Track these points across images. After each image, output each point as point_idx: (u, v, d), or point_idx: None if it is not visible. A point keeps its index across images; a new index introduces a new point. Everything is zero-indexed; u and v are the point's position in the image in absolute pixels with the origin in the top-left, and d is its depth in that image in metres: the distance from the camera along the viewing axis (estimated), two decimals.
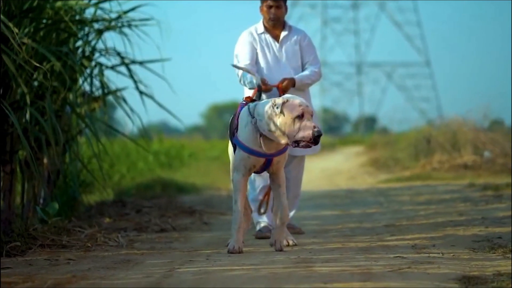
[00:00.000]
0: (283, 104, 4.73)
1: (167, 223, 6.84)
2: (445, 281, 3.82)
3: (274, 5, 5.78)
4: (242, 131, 4.91)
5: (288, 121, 4.71)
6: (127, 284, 3.87)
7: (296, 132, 4.70)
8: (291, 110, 4.71)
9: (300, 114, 4.70)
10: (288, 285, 3.72)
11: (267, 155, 4.88)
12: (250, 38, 5.82)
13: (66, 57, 7.26)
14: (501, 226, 5.94)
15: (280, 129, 4.74)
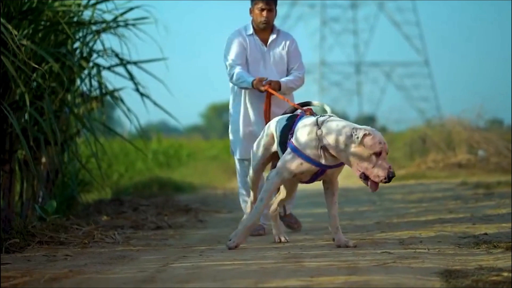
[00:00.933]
0: (364, 136, 4.70)
1: (163, 221, 6.99)
2: (427, 274, 3.96)
3: (266, 8, 5.79)
4: (302, 138, 4.87)
5: (364, 155, 4.69)
6: (121, 278, 4.02)
7: (370, 168, 4.69)
8: (371, 145, 4.69)
9: (379, 152, 4.70)
10: (276, 279, 3.86)
11: (322, 166, 4.87)
12: (240, 38, 5.83)
13: (64, 58, 7.41)
14: (487, 223, 6.09)
15: (352, 158, 4.72)
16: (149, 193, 9.55)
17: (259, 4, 5.78)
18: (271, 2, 5.80)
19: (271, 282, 3.80)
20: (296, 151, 4.87)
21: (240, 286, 3.72)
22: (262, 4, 5.77)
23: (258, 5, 5.78)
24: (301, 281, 3.81)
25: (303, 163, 4.87)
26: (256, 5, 5.79)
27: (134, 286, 3.78)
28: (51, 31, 7.64)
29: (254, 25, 5.85)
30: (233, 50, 5.79)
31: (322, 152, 4.82)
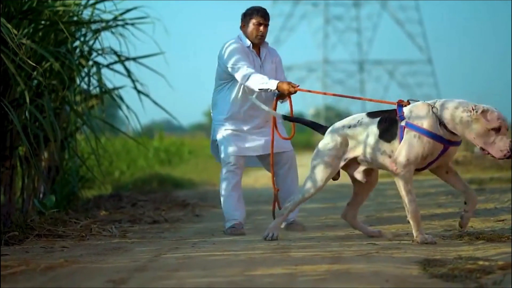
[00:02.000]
0: (483, 112, 4.81)
1: (160, 215, 7.17)
2: (406, 263, 4.14)
3: (264, 23, 5.87)
4: (423, 118, 4.92)
5: (483, 130, 4.81)
6: (114, 267, 4.19)
7: (489, 143, 4.81)
8: (490, 121, 4.80)
9: (498, 127, 4.81)
10: (262, 268, 4.04)
11: (446, 142, 4.92)
12: (243, 48, 5.86)
13: (63, 57, 7.59)
14: (474, 217, 6.25)
15: (471, 133, 4.83)
16: (149, 189, 9.74)
17: (256, 18, 5.85)
18: (267, 18, 5.91)
19: (257, 270, 3.98)
20: (421, 130, 4.92)
21: (227, 274, 3.89)
22: (261, 19, 5.86)
23: (255, 20, 5.85)
24: (286, 269, 3.98)
25: (430, 141, 4.92)
26: (253, 19, 5.85)
27: (126, 274, 3.95)
28: (51, 30, 7.82)
29: (249, 38, 5.88)
30: (242, 56, 5.80)
31: (442, 129, 4.90)
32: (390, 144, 5.02)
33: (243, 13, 5.97)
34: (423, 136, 4.92)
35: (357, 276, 3.77)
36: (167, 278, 3.82)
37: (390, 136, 5.02)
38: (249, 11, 5.93)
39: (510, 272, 3.76)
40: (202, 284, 3.67)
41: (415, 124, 4.94)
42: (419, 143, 4.93)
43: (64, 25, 7.71)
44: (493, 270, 3.85)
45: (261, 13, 5.89)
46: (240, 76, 5.77)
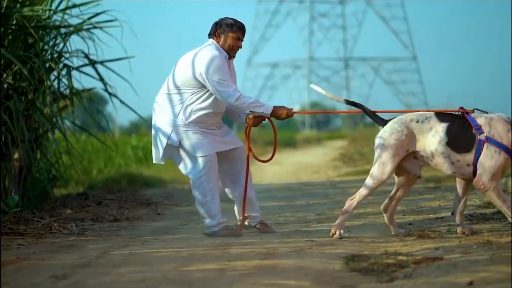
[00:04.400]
0: None
1: (122, 214, 7.45)
2: (333, 259, 4.45)
3: (241, 38, 5.93)
4: (502, 135, 5.12)
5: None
6: (61, 264, 4.48)
7: None
8: None
9: None
10: (197, 264, 4.34)
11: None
12: (226, 63, 5.86)
13: (30, 61, 7.85)
14: (416, 214, 6.59)
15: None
16: (118, 188, 10.00)
17: (237, 33, 5.87)
18: (245, 33, 5.97)
19: (191, 266, 4.28)
20: (502, 147, 5.11)
21: (162, 269, 4.19)
22: (240, 34, 5.90)
23: (235, 34, 5.86)
24: (218, 265, 4.28)
25: (508, 158, 5.14)
26: (232, 33, 5.85)
27: (70, 270, 4.24)
28: (19, 34, 8.09)
29: (225, 49, 5.87)
30: (228, 74, 5.81)
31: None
32: (463, 155, 5.21)
33: (218, 23, 5.91)
34: (503, 152, 5.15)
35: (281, 270, 4.08)
36: (107, 274, 4.11)
37: (464, 148, 5.20)
38: (227, 23, 5.89)
39: (422, 266, 4.07)
40: (137, 278, 3.96)
41: (495, 140, 5.15)
42: (500, 158, 5.15)
43: (33, 29, 8.00)
44: (408, 265, 4.17)
45: (241, 28, 5.90)
46: (227, 95, 5.72)
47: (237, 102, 5.70)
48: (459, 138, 5.21)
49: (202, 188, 5.75)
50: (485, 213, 6.27)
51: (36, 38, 8.02)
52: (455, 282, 3.60)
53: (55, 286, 3.86)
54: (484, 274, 3.68)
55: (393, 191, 5.64)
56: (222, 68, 5.74)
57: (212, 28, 5.92)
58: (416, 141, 5.30)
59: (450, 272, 3.83)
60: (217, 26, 5.89)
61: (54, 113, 8.50)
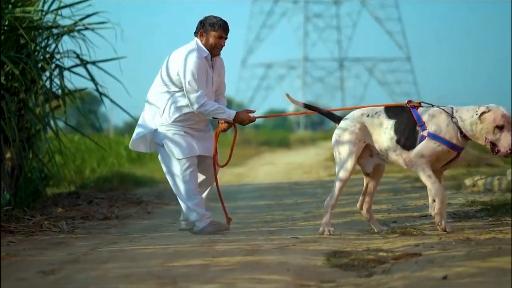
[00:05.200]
0: (483, 113, 5.20)
1: (112, 213, 7.56)
2: (315, 255, 4.56)
3: (224, 37, 6.00)
4: (443, 129, 5.29)
5: (489, 129, 5.19)
6: (49, 260, 4.58)
7: (496, 140, 5.19)
8: (493, 119, 5.17)
9: (501, 125, 5.16)
10: (182, 260, 4.44)
11: (460, 148, 5.34)
12: (204, 63, 5.89)
13: (22, 62, 7.95)
14: (401, 213, 6.71)
15: (480, 133, 5.22)
16: (109, 187, 10.10)
17: (219, 32, 5.93)
18: (228, 31, 6.04)
19: (177, 262, 4.38)
20: (443, 141, 5.28)
21: (148, 265, 4.29)
22: (222, 32, 5.96)
23: (217, 33, 5.93)
24: (203, 261, 4.39)
25: (449, 151, 5.31)
26: (215, 32, 5.92)
27: (58, 266, 4.34)
28: (11, 35, 8.19)
29: (207, 48, 5.93)
30: (201, 77, 5.88)
31: (461, 139, 5.30)
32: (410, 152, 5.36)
33: (202, 22, 5.97)
34: (444, 145, 5.31)
35: (263, 266, 4.18)
36: (94, 270, 4.21)
37: (410, 145, 5.37)
38: (210, 22, 5.95)
39: (401, 262, 4.19)
40: (122, 274, 4.06)
41: (437, 135, 5.31)
42: (439, 149, 5.31)
43: (25, 30, 8.10)
44: (387, 260, 4.28)
45: (223, 26, 5.95)
46: (194, 100, 5.82)
47: (200, 109, 5.84)
48: (407, 136, 5.39)
49: (183, 188, 5.88)
50: (468, 211, 6.39)
51: (27, 40, 8.10)
52: (430, 276, 3.70)
53: (42, 281, 3.95)
54: (459, 269, 3.79)
55: (364, 187, 5.81)
56: (196, 71, 5.84)
57: (197, 26, 6.01)
58: (370, 134, 5.49)
59: (427, 267, 3.94)
60: (200, 25, 5.99)
61: (46, 113, 8.60)
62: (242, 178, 13.06)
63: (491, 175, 8.29)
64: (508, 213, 6.03)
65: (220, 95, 6.14)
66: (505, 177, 7.85)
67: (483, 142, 5.27)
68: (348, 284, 3.81)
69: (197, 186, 5.96)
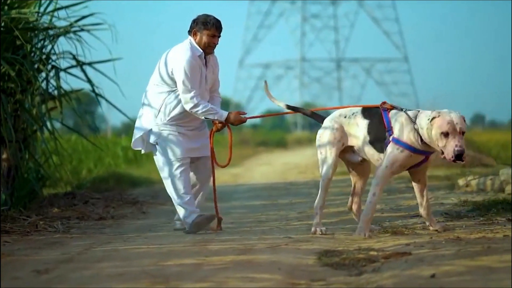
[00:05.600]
0: (433, 118, 5.19)
1: (107, 213, 7.60)
2: (307, 254, 4.61)
3: (217, 35, 6.05)
4: (405, 134, 5.31)
5: (435, 135, 5.18)
6: (44, 259, 4.63)
7: (442, 147, 5.18)
8: (439, 126, 5.16)
9: (445, 132, 5.14)
10: (176, 259, 4.49)
11: (426, 153, 5.34)
12: (198, 63, 5.93)
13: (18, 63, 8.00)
14: (394, 212, 6.76)
15: (432, 139, 5.23)
16: (105, 187, 10.14)
17: (212, 30, 5.99)
18: (221, 29, 6.08)
19: (170, 261, 4.43)
20: (406, 146, 5.31)
21: (142, 264, 4.34)
22: (215, 31, 6.01)
23: (210, 31, 5.98)
24: (195, 260, 4.44)
25: (412, 155, 5.33)
26: (207, 30, 5.98)
27: (52, 265, 4.39)
28: (8, 37, 8.23)
29: (200, 47, 5.98)
30: (195, 77, 5.90)
31: (420, 142, 5.30)
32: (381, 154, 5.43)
33: (195, 20, 6.03)
34: (407, 151, 5.33)
35: (255, 265, 4.23)
36: (87, 269, 4.26)
37: (380, 148, 5.43)
38: (203, 20, 6.00)
39: (391, 261, 4.24)
40: (116, 272, 4.11)
41: (400, 140, 5.34)
42: (402, 156, 5.34)
43: (21, 31, 8.15)
44: (378, 259, 4.33)
45: (216, 25, 6.00)
46: (188, 100, 5.89)
47: (193, 109, 5.92)
48: (377, 138, 5.45)
49: (175, 187, 5.98)
50: (460, 211, 6.44)
51: (23, 42, 8.14)
52: (419, 275, 3.75)
53: (36, 280, 4.00)
54: (447, 267, 3.84)
55: (352, 188, 5.90)
56: (189, 70, 5.90)
57: (190, 25, 6.07)
58: (348, 135, 5.57)
59: (416, 266, 3.99)
60: (194, 24, 6.04)
61: (43, 114, 8.64)
62: (238, 178, 13.11)
63: (484, 175, 8.35)
64: (499, 213, 6.09)
65: (214, 92, 6.21)
66: (497, 177, 7.90)
67: (437, 148, 5.24)
68: (338, 282, 3.86)
69: (188, 186, 6.03)
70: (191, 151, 6.09)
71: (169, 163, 6.04)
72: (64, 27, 8.65)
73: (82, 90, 9.41)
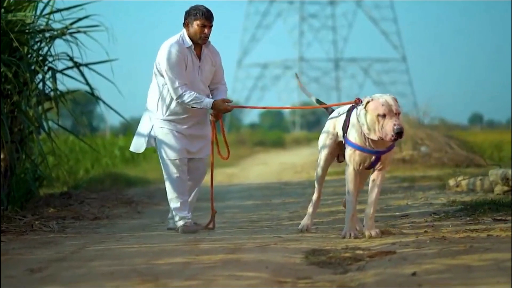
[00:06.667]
0: (368, 102, 5.26)
1: (102, 213, 7.71)
2: (294, 253, 4.71)
3: (208, 25, 5.97)
4: (351, 131, 5.41)
5: (372, 119, 5.24)
6: (38, 258, 4.74)
7: (380, 129, 5.24)
8: (374, 108, 5.23)
9: (382, 114, 5.22)
10: (166, 258, 4.60)
11: (374, 152, 5.37)
12: (181, 52, 5.94)
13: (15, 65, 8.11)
14: (384, 212, 6.87)
15: (367, 126, 5.29)
16: (101, 187, 10.26)
17: (201, 20, 5.97)
18: (212, 19, 6.05)
19: (160, 260, 4.54)
20: (351, 144, 5.42)
21: (133, 263, 4.45)
22: (205, 21, 5.99)
23: (199, 21, 5.98)
24: (186, 259, 4.55)
25: (360, 153, 5.39)
26: (197, 20, 5.98)
27: (45, 264, 4.50)
28: (4, 39, 8.34)
29: (191, 38, 6.01)
30: (178, 67, 5.93)
31: (369, 141, 5.34)
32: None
33: (186, 11, 6.04)
34: (356, 150, 5.41)
35: (243, 264, 4.34)
36: (80, 267, 4.37)
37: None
38: (193, 11, 5.99)
39: (376, 259, 4.35)
40: (107, 271, 4.22)
41: (349, 140, 5.45)
42: (354, 154, 5.43)
43: (17, 34, 8.26)
44: (363, 258, 4.45)
45: (206, 15, 5.97)
46: (173, 91, 5.96)
47: (179, 99, 5.98)
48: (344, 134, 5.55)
49: (169, 187, 6.09)
50: (448, 211, 6.55)
51: (18, 44, 8.24)
52: (401, 273, 3.87)
53: (29, 278, 4.11)
54: (429, 266, 3.96)
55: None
56: (172, 61, 5.94)
57: (184, 17, 6.10)
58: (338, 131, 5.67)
59: (399, 264, 4.10)
60: (186, 15, 6.08)
61: (39, 115, 8.75)
62: (233, 178, 13.22)
63: (474, 176, 8.46)
64: (486, 213, 6.20)
65: (218, 82, 6.23)
66: (487, 177, 8.01)
67: (375, 135, 5.25)
68: (323, 280, 3.96)
69: (183, 187, 6.09)
70: (187, 153, 6.12)
71: (165, 163, 6.12)
72: (60, 29, 8.76)
73: (78, 91, 9.52)
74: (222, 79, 6.28)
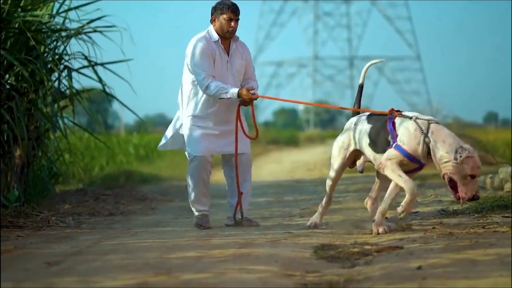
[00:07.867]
0: (467, 157, 5.23)
1: (117, 209, 7.85)
2: (304, 248, 4.83)
3: (234, 19, 6.03)
4: (411, 142, 5.37)
5: (462, 173, 5.23)
6: (54, 252, 4.88)
7: (461, 185, 5.25)
8: (471, 168, 5.25)
9: (473, 175, 5.27)
10: (179, 252, 4.72)
11: (422, 163, 5.49)
12: (208, 46, 6.00)
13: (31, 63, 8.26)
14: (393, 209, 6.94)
15: (449, 170, 5.28)
16: (116, 184, 10.40)
17: (227, 14, 6.04)
18: (238, 12, 6.10)
19: (173, 254, 4.66)
20: (405, 154, 5.40)
21: (146, 257, 4.58)
22: (232, 14, 6.05)
23: (226, 15, 6.04)
24: (198, 253, 4.67)
25: (410, 163, 5.45)
26: (224, 14, 6.05)
27: (62, 257, 4.63)
28: (21, 38, 8.50)
29: (218, 33, 6.07)
30: (204, 59, 5.99)
31: (425, 154, 5.39)
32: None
33: (213, 7, 6.11)
34: (405, 159, 5.45)
35: (253, 258, 4.46)
36: (95, 261, 4.50)
37: (381, 151, 5.53)
38: (219, 6, 6.06)
39: (383, 254, 4.46)
40: (121, 264, 4.35)
41: (403, 148, 5.44)
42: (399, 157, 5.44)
43: (33, 33, 8.42)
44: (371, 253, 4.56)
45: (231, 8, 6.02)
46: (199, 84, 6.01)
47: (205, 91, 6.02)
48: (378, 142, 5.56)
49: (191, 180, 6.15)
50: (457, 209, 6.64)
51: (34, 43, 8.39)
52: (406, 267, 3.97)
53: (46, 271, 4.24)
54: (434, 260, 4.06)
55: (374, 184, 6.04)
56: (198, 54, 6.00)
57: (211, 13, 6.17)
58: (356, 140, 5.72)
59: (405, 259, 4.21)
60: (212, 11, 6.15)
61: (55, 113, 8.90)
62: None
63: (484, 174, 8.52)
64: (494, 210, 6.29)
65: (249, 78, 6.27)
66: (497, 175, 8.09)
67: (441, 174, 5.35)
68: (331, 274, 4.08)
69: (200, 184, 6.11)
70: (212, 148, 6.13)
71: (190, 158, 6.17)
72: (76, 28, 8.90)
73: (93, 90, 9.67)
74: (252, 74, 6.32)
